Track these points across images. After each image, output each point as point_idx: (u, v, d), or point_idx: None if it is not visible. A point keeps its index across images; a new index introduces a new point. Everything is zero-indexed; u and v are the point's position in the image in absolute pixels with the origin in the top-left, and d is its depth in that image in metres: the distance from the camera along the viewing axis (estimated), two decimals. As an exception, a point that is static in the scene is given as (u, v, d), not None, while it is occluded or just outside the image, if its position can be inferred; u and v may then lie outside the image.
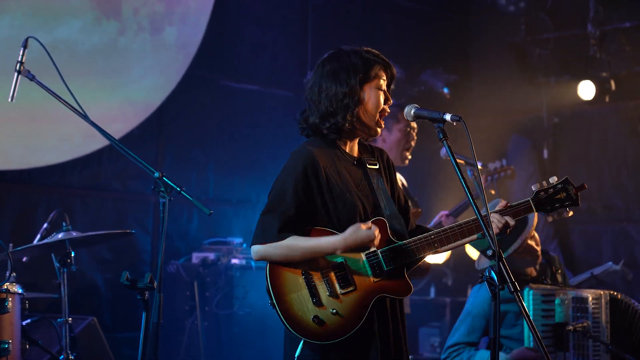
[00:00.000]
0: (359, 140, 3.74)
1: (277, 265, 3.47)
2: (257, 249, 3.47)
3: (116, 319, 7.46)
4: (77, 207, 7.42)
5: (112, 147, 7.36)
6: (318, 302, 3.41)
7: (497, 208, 3.68)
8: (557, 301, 4.73)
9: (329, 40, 8.66)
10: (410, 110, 3.58)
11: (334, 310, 3.41)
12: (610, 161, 8.90)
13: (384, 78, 3.67)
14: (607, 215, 8.86)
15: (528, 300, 4.70)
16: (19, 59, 4.11)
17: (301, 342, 3.43)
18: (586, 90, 8.46)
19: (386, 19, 9.36)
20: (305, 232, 3.49)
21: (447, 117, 3.46)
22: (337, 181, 3.56)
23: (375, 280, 3.49)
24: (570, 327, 4.63)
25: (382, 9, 9.42)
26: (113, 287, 7.51)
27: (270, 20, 8.62)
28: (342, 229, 3.49)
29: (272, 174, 8.35)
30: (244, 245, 7.35)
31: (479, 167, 6.60)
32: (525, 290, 4.72)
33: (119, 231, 5.31)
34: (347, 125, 3.58)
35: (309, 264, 3.47)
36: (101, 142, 7.30)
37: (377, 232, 3.47)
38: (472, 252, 5.52)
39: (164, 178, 4.15)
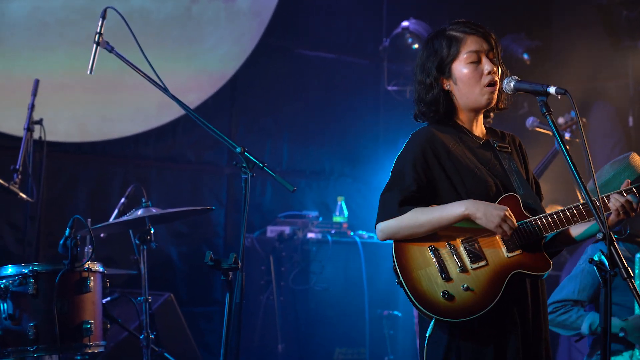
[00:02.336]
0: (488, 127, 3.62)
1: (402, 242, 3.33)
2: (380, 227, 3.35)
3: (192, 293, 7.39)
4: (152, 179, 7.35)
5: (187, 118, 7.31)
6: (447, 277, 3.26)
7: (621, 188, 3.41)
8: None
9: (406, 7, 8.40)
10: (510, 83, 3.39)
11: (465, 286, 3.25)
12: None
13: (476, 49, 3.45)
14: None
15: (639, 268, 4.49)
16: (98, 30, 3.97)
17: (432, 321, 3.29)
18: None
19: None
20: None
21: (552, 90, 3.24)
22: (463, 158, 3.43)
23: (510, 255, 3.31)
24: None
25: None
26: (188, 260, 7.43)
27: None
28: None
29: (346, 144, 8.33)
30: (320, 218, 7.18)
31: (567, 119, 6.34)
32: (638, 256, 4.47)
33: (199, 207, 5.19)
34: (437, 113, 3.48)
35: (436, 238, 3.33)
36: (176, 113, 7.20)
37: (509, 212, 3.29)
38: None
39: (245, 153, 4.00)
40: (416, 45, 8.03)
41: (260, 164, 4.03)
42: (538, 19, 9.51)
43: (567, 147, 3.23)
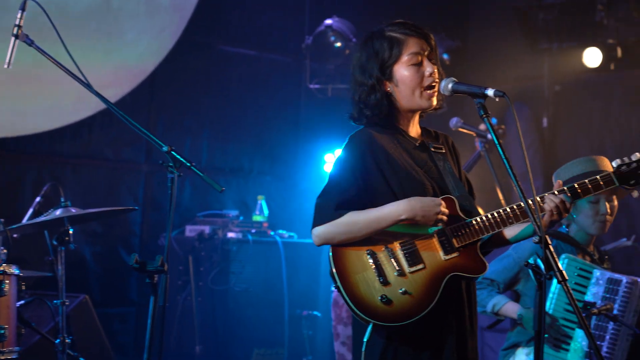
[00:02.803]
0: (423, 127, 3.60)
1: (339, 247, 3.29)
2: (317, 232, 3.29)
3: (106, 294, 7.20)
4: (67, 177, 7.13)
5: (104, 114, 7.12)
6: (385, 282, 3.24)
7: (554, 188, 3.43)
8: (592, 279, 4.57)
9: (329, 5, 8.36)
10: (447, 85, 3.38)
11: (403, 290, 3.23)
12: (612, 131, 8.67)
13: (417, 51, 3.44)
14: (610, 187, 8.63)
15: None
16: (17, 23, 3.78)
17: (369, 326, 3.24)
18: (592, 57, 8.18)
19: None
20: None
21: (490, 92, 3.24)
22: (401, 160, 3.40)
23: (447, 258, 3.30)
24: (596, 310, 4.42)
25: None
26: (103, 261, 7.23)
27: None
28: None
29: (266, 142, 8.23)
30: (241, 217, 7.08)
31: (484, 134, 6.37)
32: (562, 258, 4.53)
33: (121, 208, 5.02)
34: (379, 116, 3.43)
35: (373, 242, 3.30)
36: (93, 109, 7.00)
37: (444, 205, 3.29)
38: None
39: (172, 152, 3.86)
40: (339, 44, 8.00)
41: (188, 164, 3.91)
42: (456, 20, 9.61)
43: (504, 149, 3.24)
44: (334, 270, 3.27)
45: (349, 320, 5.80)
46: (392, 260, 3.27)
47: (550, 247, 3.04)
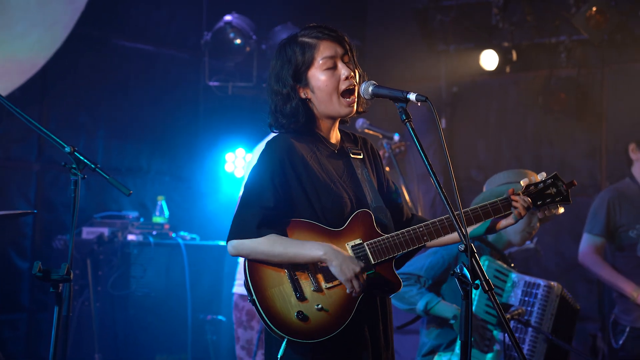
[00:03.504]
0: (342, 130, 3.51)
1: (259, 262, 3.21)
2: (234, 244, 3.21)
3: (-7, 299, 6.84)
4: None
5: (-8, 110, 6.73)
6: (301, 297, 3.18)
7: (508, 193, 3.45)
8: (509, 282, 4.61)
9: (227, 0, 8.18)
10: (368, 88, 3.33)
11: (319, 306, 3.17)
12: (508, 132, 8.83)
13: (331, 54, 3.35)
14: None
15: None
16: None
17: (284, 342, 3.15)
18: (489, 60, 8.30)
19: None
20: (293, 225, 3.25)
21: (412, 96, 3.22)
22: (319, 171, 3.32)
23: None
24: (508, 315, 4.46)
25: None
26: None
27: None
28: (327, 222, 3.27)
29: (166, 141, 7.97)
30: (142, 219, 6.83)
31: (395, 140, 6.36)
32: (482, 259, 4.53)
33: (19, 212, 4.73)
34: (297, 124, 3.33)
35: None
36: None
37: (363, 277, 3.21)
38: None
39: (75, 153, 3.70)
40: (238, 41, 7.84)
41: (92, 165, 3.77)
42: (355, 19, 9.59)
43: (427, 155, 3.20)
44: (249, 282, 3.18)
45: (249, 324, 5.68)
46: (310, 275, 3.20)
47: (476, 255, 3.02)
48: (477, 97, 9.00)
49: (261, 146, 5.79)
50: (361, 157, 3.50)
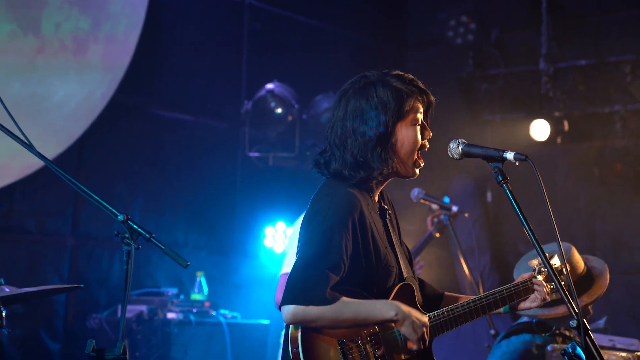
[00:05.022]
0: None
1: (311, 330, 2.89)
2: (295, 311, 2.83)
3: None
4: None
5: (26, 181, 6.45)
6: None
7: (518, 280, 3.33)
8: None
9: (266, 69, 7.95)
10: (457, 147, 3.00)
11: None
12: (558, 205, 8.44)
13: (421, 110, 3.10)
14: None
15: None
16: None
17: None
18: (539, 130, 7.96)
19: (325, 47, 8.67)
20: (346, 294, 2.94)
21: (510, 155, 2.91)
22: (378, 237, 3.04)
23: (405, 356, 3.01)
24: None
25: (320, 37, 8.73)
26: (22, 346, 6.43)
27: (204, 45, 7.81)
28: (376, 292, 3.02)
29: (204, 213, 7.63)
30: (181, 296, 6.44)
31: (454, 211, 6.01)
32: (547, 351, 4.17)
33: (65, 286, 4.38)
34: (380, 177, 3.04)
35: (346, 332, 2.93)
36: (14, 176, 6.31)
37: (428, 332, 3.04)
38: None
39: (129, 222, 3.37)
40: (280, 110, 7.57)
41: (147, 235, 3.46)
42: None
43: (527, 219, 2.90)
44: (302, 357, 2.86)
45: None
46: (361, 356, 2.92)
47: (591, 333, 2.68)
48: (525, 170, 8.63)
49: (301, 219, 5.45)
50: (391, 214, 3.24)
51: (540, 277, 3.27)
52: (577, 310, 2.68)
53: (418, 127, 3.09)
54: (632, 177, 7.81)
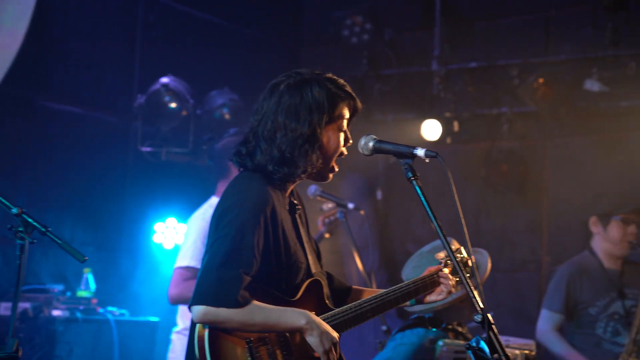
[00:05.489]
0: None
1: (218, 330, 2.85)
2: (206, 311, 2.81)
3: None
4: None
5: None
6: None
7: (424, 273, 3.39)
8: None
9: (160, 63, 7.82)
10: (368, 143, 3.02)
11: None
12: (447, 205, 8.59)
13: (347, 116, 3.12)
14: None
15: (442, 358, 4.28)
16: None
17: None
18: (431, 130, 8.09)
19: (220, 43, 8.60)
20: (257, 292, 2.92)
21: (420, 152, 2.95)
22: (289, 233, 3.04)
23: (316, 355, 3.00)
24: None
25: (215, 32, 8.65)
26: None
27: (96, 37, 7.61)
28: (285, 289, 3.00)
29: (91, 209, 7.45)
30: (68, 293, 6.27)
31: (350, 209, 6.06)
32: (438, 346, 4.24)
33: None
34: (303, 176, 3.04)
35: (255, 334, 2.92)
36: None
37: (337, 350, 3.02)
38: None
39: (23, 215, 3.39)
40: (174, 104, 7.45)
41: (43, 229, 3.46)
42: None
43: (436, 215, 2.94)
44: (208, 357, 2.82)
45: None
46: (268, 352, 2.91)
47: (494, 328, 2.74)
48: (415, 168, 8.77)
49: (199, 214, 5.41)
50: (299, 212, 3.23)
51: (446, 270, 3.31)
52: (482, 306, 2.73)
53: (342, 134, 3.11)
54: (516, 178, 8.04)
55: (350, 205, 5.91)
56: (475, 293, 2.78)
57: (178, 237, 7.34)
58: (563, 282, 5.95)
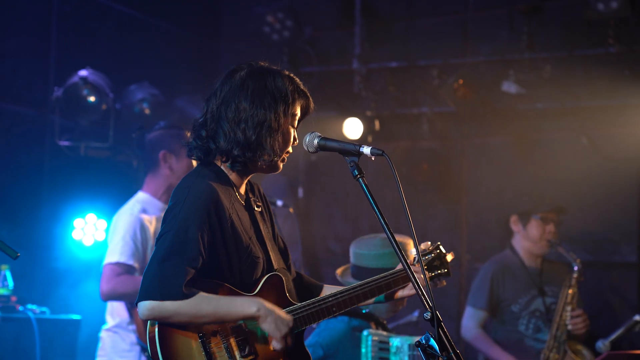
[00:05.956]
0: None
1: (168, 326, 2.81)
2: (151, 306, 2.77)
3: None
4: None
5: None
6: None
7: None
8: (392, 349, 4.37)
9: (76, 54, 7.61)
10: (313, 140, 3.02)
11: None
12: (367, 204, 8.66)
13: (299, 114, 3.16)
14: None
15: (367, 346, 4.32)
16: None
17: None
18: (352, 128, 8.12)
19: (138, 36, 8.43)
20: (208, 286, 2.88)
21: (366, 150, 2.97)
22: (240, 227, 3.00)
23: (273, 349, 2.99)
24: None
25: (133, 26, 8.48)
26: None
27: (9, 26, 7.34)
28: (241, 284, 2.97)
29: (7, 205, 7.19)
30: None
31: (279, 206, 6.06)
32: (364, 335, 4.28)
33: None
34: (261, 163, 3.03)
35: (207, 326, 2.88)
36: None
37: (290, 335, 2.99)
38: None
39: None
40: (92, 98, 7.26)
41: None
42: (208, 81, 9.22)
43: (382, 212, 2.96)
44: (160, 355, 2.79)
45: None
46: (225, 347, 2.88)
47: (443, 325, 2.78)
48: (335, 167, 8.81)
49: (126, 209, 5.30)
50: (260, 209, 3.23)
51: (417, 266, 3.30)
52: (431, 304, 2.74)
53: (293, 130, 3.13)
54: (436, 177, 8.16)
55: (279, 203, 5.90)
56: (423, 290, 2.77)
57: (98, 233, 7.16)
58: (487, 279, 6.07)
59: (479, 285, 6.09)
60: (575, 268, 5.97)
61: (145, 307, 2.77)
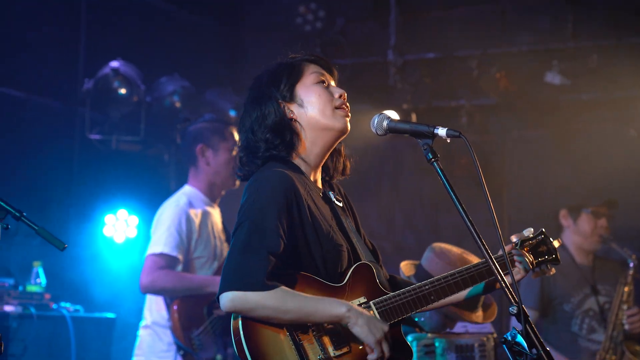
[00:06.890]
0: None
1: (253, 320, 2.69)
2: (234, 297, 2.64)
3: None
4: None
5: None
6: None
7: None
8: (438, 351, 4.24)
9: (105, 47, 7.42)
10: (381, 122, 2.82)
11: None
12: (401, 198, 8.46)
13: (318, 71, 3.03)
14: (399, 255, 8.36)
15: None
16: None
17: None
18: (389, 121, 7.88)
19: (165, 28, 8.22)
20: (292, 279, 2.74)
21: (441, 131, 2.74)
22: (318, 215, 2.85)
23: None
24: None
25: (161, 18, 8.27)
26: None
27: (38, 16, 7.15)
28: (327, 276, 2.80)
29: (36, 199, 7.01)
30: (20, 287, 5.85)
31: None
32: (408, 340, 4.09)
33: None
34: (285, 143, 2.92)
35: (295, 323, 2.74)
36: None
37: (388, 337, 2.78)
38: None
39: None
40: (123, 90, 7.06)
41: (17, 213, 3.35)
42: (237, 72, 9.03)
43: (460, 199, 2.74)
44: (246, 348, 2.63)
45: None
46: (317, 342, 2.71)
47: (530, 321, 2.57)
48: (369, 160, 8.58)
49: (172, 201, 5.13)
50: (342, 205, 3.10)
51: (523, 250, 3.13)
52: (517, 299, 2.57)
53: (322, 84, 3.02)
54: (475, 171, 7.91)
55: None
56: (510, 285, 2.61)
57: (130, 230, 6.96)
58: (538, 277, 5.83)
59: (528, 283, 5.84)
60: (631, 264, 5.73)
61: (228, 298, 2.65)
